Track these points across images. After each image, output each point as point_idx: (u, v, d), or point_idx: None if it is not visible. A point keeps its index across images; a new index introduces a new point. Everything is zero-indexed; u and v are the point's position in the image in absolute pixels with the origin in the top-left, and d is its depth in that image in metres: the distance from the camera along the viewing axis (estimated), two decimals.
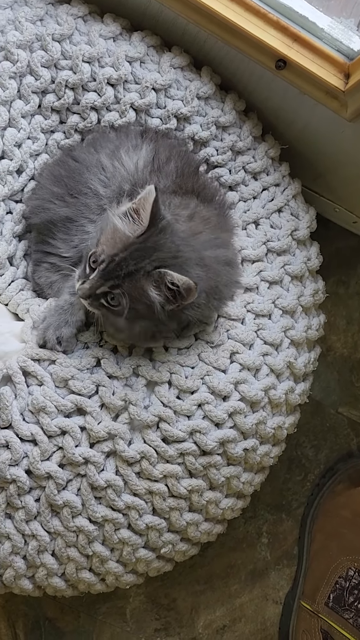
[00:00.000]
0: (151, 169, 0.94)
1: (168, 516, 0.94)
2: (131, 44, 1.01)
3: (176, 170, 0.94)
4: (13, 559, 0.92)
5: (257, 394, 0.95)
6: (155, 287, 0.83)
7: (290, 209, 1.07)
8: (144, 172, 0.94)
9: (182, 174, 0.95)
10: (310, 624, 1.15)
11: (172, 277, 0.81)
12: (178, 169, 0.95)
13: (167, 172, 0.94)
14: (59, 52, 0.98)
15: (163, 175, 0.94)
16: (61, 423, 0.90)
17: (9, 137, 0.97)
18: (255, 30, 0.91)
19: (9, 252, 0.98)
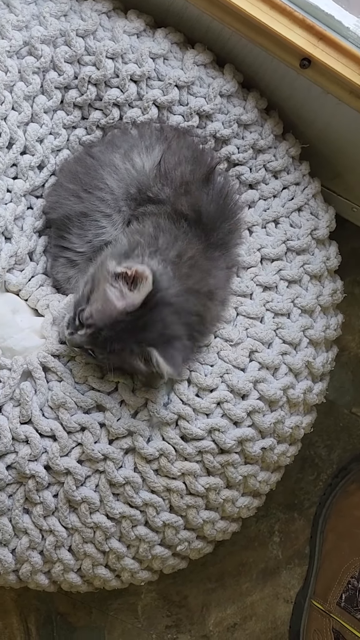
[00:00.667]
0: (156, 173, 0.93)
1: (185, 514, 0.94)
2: (155, 41, 1.00)
3: (181, 178, 0.93)
4: (30, 554, 0.92)
5: (276, 393, 0.95)
6: (141, 359, 0.84)
7: (310, 208, 1.06)
8: (149, 176, 0.93)
9: (188, 182, 0.93)
10: (322, 623, 1.15)
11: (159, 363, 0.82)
12: (184, 176, 0.93)
13: (172, 178, 0.93)
14: (82, 47, 0.97)
15: (168, 182, 0.93)
16: (81, 419, 0.90)
17: (31, 132, 0.96)
18: (280, 28, 0.90)
19: (30, 247, 0.98)
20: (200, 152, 0.98)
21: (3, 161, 0.93)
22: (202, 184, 0.94)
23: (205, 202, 0.93)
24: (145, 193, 0.93)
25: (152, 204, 0.94)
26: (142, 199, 0.94)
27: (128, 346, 0.83)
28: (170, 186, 0.93)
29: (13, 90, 0.95)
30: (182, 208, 0.92)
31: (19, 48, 0.95)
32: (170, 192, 0.93)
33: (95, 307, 0.84)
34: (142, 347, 0.83)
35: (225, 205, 0.95)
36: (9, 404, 0.89)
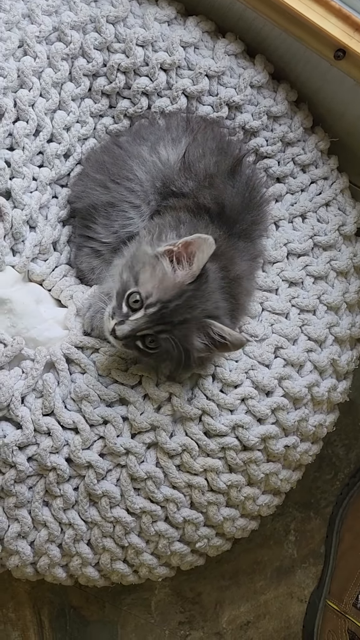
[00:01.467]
0: (180, 166, 0.92)
1: (205, 510, 0.93)
2: (186, 29, 0.99)
3: (205, 171, 0.91)
4: (49, 546, 0.91)
5: (301, 391, 0.94)
6: (199, 335, 0.82)
7: (337, 203, 1.05)
8: (173, 169, 0.92)
9: (212, 175, 0.91)
10: (337, 624, 1.14)
11: (222, 330, 0.81)
12: (208, 169, 0.91)
13: (195, 171, 0.91)
14: (112, 34, 0.96)
15: (191, 175, 0.91)
16: (103, 412, 0.89)
17: (59, 120, 0.95)
18: (316, 18, 0.89)
19: (54, 237, 0.97)
20: (226, 143, 0.96)
21: (30, 148, 0.92)
22: (228, 176, 0.92)
23: (230, 195, 0.92)
24: (168, 187, 0.92)
25: (175, 198, 0.92)
26: (166, 193, 0.93)
27: (195, 316, 0.81)
28: (194, 179, 0.91)
29: (41, 76, 0.94)
30: (205, 201, 0.91)
31: (49, 34, 0.94)
32: (194, 185, 0.92)
33: (153, 285, 0.81)
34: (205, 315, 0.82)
35: (251, 198, 0.94)
36: (31, 395, 0.88)
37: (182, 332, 0.82)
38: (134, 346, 0.83)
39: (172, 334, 0.81)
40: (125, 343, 0.83)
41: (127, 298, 0.82)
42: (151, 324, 0.81)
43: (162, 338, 0.82)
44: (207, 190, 0.91)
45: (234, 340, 0.82)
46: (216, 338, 0.82)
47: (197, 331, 0.82)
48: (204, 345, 0.83)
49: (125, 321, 0.82)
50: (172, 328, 0.81)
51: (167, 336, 0.81)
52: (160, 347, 0.82)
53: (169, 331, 0.81)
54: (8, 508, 0.89)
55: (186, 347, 0.82)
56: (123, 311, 0.83)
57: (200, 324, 0.82)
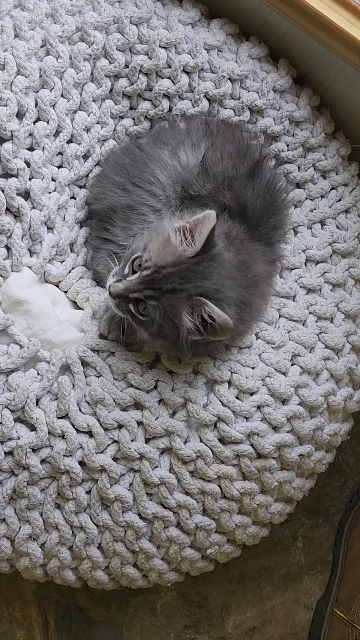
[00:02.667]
0: (199, 170, 0.91)
1: (218, 517, 0.93)
2: (210, 31, 0.98)
3: (223, 174, 0.91)
4: (59, 549, 0.91)
5: (317, 399, 0.93)
6: (190, 313, 0.81)
7: (357, 210, 1.04)
8: (192, 173, 0.91)
9: (231, 178, 0.91)
10: (344, 633, 1.13)
11: (212, 310, 0.79)
12: (226, 172, 0.91)
13: (214, 174, 0.91)
14: (135, 35, 0.95)
15: (210, 179, 0.91)
16: (118, 416, 0.88)
17: (79, 120, 0.94)
18: (343, 23, 0.88)
19: (71, 238, 0.96)
20: (246, 147, 0.95)
21: (50, 149, 0.92)
22: (247, 179, 0.92)
23: (251, 197, 0.91)
24: (187, 191, 0.91)
25: (192, 201, 0.92)
26: (184, 197, 0.92)
27: (186, 289, 0.80)
28: (212, 182, 0.91)
29: (63, 76, 0.93)
30: (225, 200, 0.90)
31: (72, 33, 0.93)
32: (212, 188, 0.91)
33: (156, 250, 0.82)
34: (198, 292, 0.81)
35: (273, 201, 0.93)
36: (46, 397, 0.88)
37: (170, 301, 0.81)
38: (127, 310, 0.83)
39: (159, 301, 0.81)
40: (118, 303, 0.84)
41: (132, 261, 0.83)
42: (141, 286, 0.81)
43: (150, 305, 0.82)
44: (227, 192, 0.91)
45: (221, 321, 0.79)
46: (207, 319, 0.80)
47: (186, 306, 0.81)
48: (193, 324, 0.81)
49: (121, 280, 0.83)
50: (160, 295, 0.81)
51: (154, 303, 0.81)
52: (149, 316, 0.82)
53: (157, 298, 0.81)
54: (20, 510, 0.89)
55: (174, 321, 0.81)
56: (124, 272, 0.84)
57: (192, 300, 0.81)
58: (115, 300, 0.83)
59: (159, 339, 0.85)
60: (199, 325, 0.81)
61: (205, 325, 0.81)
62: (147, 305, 0.82)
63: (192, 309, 0.81)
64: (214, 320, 0.79)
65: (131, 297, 0.82)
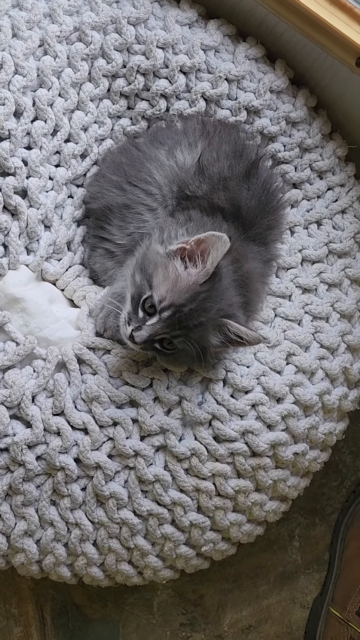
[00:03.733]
0: (195, 170, 0.92)
1: (212, 515, 0.93)
2: (207, 32, 0.98)
3: (219, 174, 0.91)
4: (55, 545, 0.92)
5: (312, 398, 0.94)
6: (215, 335, 0.83)
7: (354, 210, 1.04)
8: (188, 173, 0.92)
9: (226, 178, 0.91)
10: (340, 631, 1.14)
11: (239, 330, 0.82)
12: (222, 172, 0.91)
13: (210, 174, 0.91)
14: (133, 36, 0.96)
15: (205, 179, 0.91)
16: (113, 414, 0.89)
17: (77, 120, 0.95)
18: (339, 24, 0.88)
19: (68, 237, 0.97)
20: (242, 147, 0.96)
21: (47, 148, 0.92)
22: (242, 179, 0.92)
23: (246, 197, 0.91)
24: (183, 191, 0.92)
25: (188, 201, 0.92)
26: (181, 197, 0.92)
27: (210, 318, 0.81)
28: (208, 183, 0.91)
29: (61, 76, 0.94)
30: (219, 202, 0.90)
31: (69, 33, 0.94)
32: (208, 188, 0.91)
33: (166, 288, 0.81)
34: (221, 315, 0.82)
35: (268, 202, 0.94)
36: (42, 395, 0.89)
37: (198, 334, 0.82)
38: (152, 348, 0.84)
39: (188, 337, 0.81)
40: (144, 347, 0.83)
41: (142, 303, 0.82)
42: (167, 328, 0.81)
43: (178, 341, 0.82)
44: (222, 193, 0.91)
45: (251, 339, 0.82)
46: (232, 337, 0.82)
47: (213, 331, 0.83)
48: (220, 342, 0.83)
49: (142, 327, 0.82)
50: (188, 332, 0.81)
51: (183, 339, 0.82)
52: (177, 347, 0.83)
53: (185, 335, 0.81)
54: (15, 506, 0.89)
55: (203, 345, 0.82)
56: (139, 316, 0.82)
57: (216, 324, 0.82)
58: (139, 345, 0.82)
59: (182, 362, 0.87)
60: (225, 341, 0.83)
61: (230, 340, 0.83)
62: (175, 342, 0.82)
63: (217, 329, 0.83)
64: (242, 338, 0.82)
65: (156, 339, 0.82)
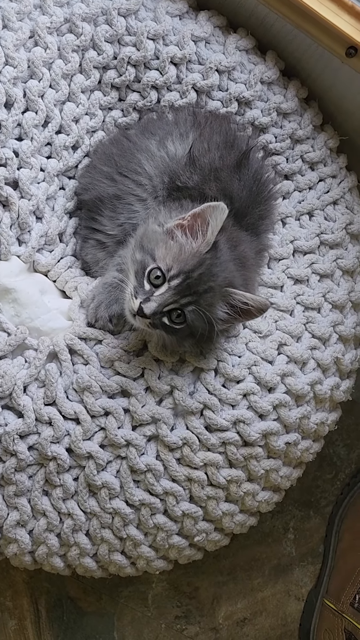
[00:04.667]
0: (186, 161, 0.92)
1: (205, 505, 0.93)
2: (197, 23, 0.99)
3: (210, 165, 0.91)
4: (47, 536, 0.92)
5: (303, 388, 0.94)
6: (221, 305, 0.82)
7: (345, 202, 1.04)
8: (179, 164, 0.92)
9: (217, 169, 0.91)
10: (334, 623, 1.14)
11: (244, 296, 0.81)
12: (213, 163, 0.91)
13: (200, 165, 0.92)
14: (123, 27, 0.96)
15: (196, 170, 0.91)
16: (105, 404, 0.89)
17: (68, 111, 0.95)
18: (328, 14, 0.88)
19: (60, 228, 0.97)
20: (233, 138, 0.96)
21: (38, 139, 0.92)
22: (233, 170, 0.92)
23: (237, 188, 0.92)
24: (174, 182, 0.92)
25: (180, 192, 0.92)
26: (172, 188, 0.93)
27: (218, 284, 0.81)
28: (199, 173, 0.92)
29: (52, 67, 0.94)
30: (210, 192, 0.91)
31: (60, 25, 0.94)
32: (199, 179, 0.92)
33: (171, 257, 0.81)
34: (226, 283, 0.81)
35: (259, 192, 0.94)
36: (33, 385, 0.89)
37: (208, 301, 0.81)
38: (160, 324, 0.82)
39: (199, 304, 0.81)
40: (153, 321, 0.81)
41: (147, 275, 0.82)
42: (177, 296, 0.81)
43: (188, 310, 0.81)
44: (213, 183, 0.91)
45: (257, 304, 0.82)
46: (238, 305, 0.82)
47: (220, 300, 0.82)
48: (226, 314, 0.83)
49: (150, 298, 0.81)
50: (199, 298, 0.81)
51: (194, 307, 0.81)
52: (187, 320, 0.82)
53: (196, 302, 0.81)
54: (8, 496, 0.89)
55: (210, 318, 0.82)
56: (146, 289, 0.82)
57: (222, 293, 0.82)
58: (148, 319, 0.81)
59: (188, 340, 0.85)
60: (232, 313, 0.83)
61: (236, 310, 0.82)
62: (185, 311, 0.81)
63: (222, 300, 0.82)
64: (248, 304, 0.81)
65: (165, 310, 0.81)
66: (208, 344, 0.87)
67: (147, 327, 0.82)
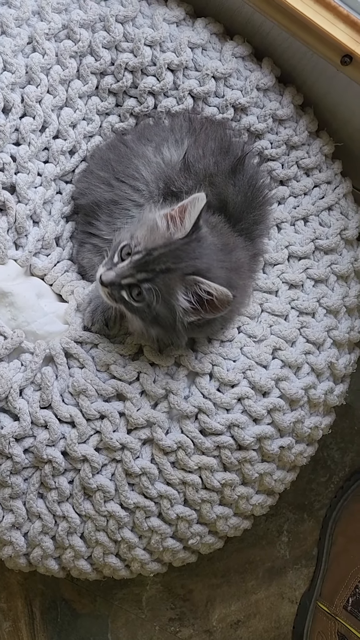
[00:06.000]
0: (181, 166, 0.93)
1: (199, 508, 0.94)
2: (194, 30, 0.99)
3: (205, 171, 0.92)
4: (42, 538, 0.92)
5: (298, 392, 0.94)
6: (185, 292, 0.82)
7: (340, 207, 1.05)
8: (174, 169, 0.93)
9: (212, 174, 0.92)
10: (327, 626, 1.14)
11: (209, 285, 0.80)
12: (208, 168, 0.92)
13: (195, 171, 0.92)
14: (121, 33, 0.97)
15: (191, 175, 0.92)
16: (100, 407, 0.90)
17: (65, 116, 0.96)
18: (324, 23, 0.89)
19: (57, 232, 0.97)
20: (228, 143, 0.97)
21: (36, 144, 0.93)
22: (228, 176, 0.93)
23: (232, 193, 0.92)
24: (169, 187, 0.93)
25: (174, 197, 0.93)
26: (167, 193, 0.93)
27: (179, 268, 0.81)
28: (194, 179, 0.92)
29: (49, 73, 0.94)
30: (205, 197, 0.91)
31: (58, 31, 0.95)
32: (193, 184, 0.92)
33: (142, 235, 0.83)
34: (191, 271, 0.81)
35: (254, 197, 0.95)
36: (29, 388, 0.89)
37: (165, 281, 0.81)
38: (120, 298, 0.84)
39: (154, 283, 0.81)
40: (111, 292, 0.84)
41: (120, 250, 0.84)
42: (134, 270, 0.82)
43: (145, 288, 0.82)
44: (208, 188, 0.92)
45: (219, 294, 0.80)
46: (203, 295, 0.81)
47: (181, 286, 0.82)
48: (189, 303, 0.82)
49: (112, 268, 0.84)
50: (154, 276, 0.82)
51: (149, 286, 0.82)
52: (144, 299, 0.82)
53: (151, 280, 0.82)
54: (3, 499, 0.90)
55: (170, 301, 0.82)
56: (114, 260, 0.84)
57: (185, 280, 0.82)
58: (108, 288, 0.84)
59: (153, 326, 0.85)
60: (195, 303, 0.82)
61: (202, 303, 0.81)
62: (142, 289, 0.82)
63: (187, 288, 0.82)
64: (212, 295, 0.80)
65: (124, 283, 0.83)
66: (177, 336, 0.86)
67: (107, 297, 0.85)
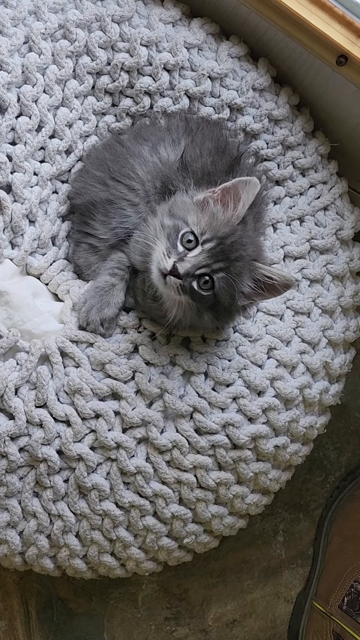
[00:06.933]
0: (178, 166, 0.93)
1: (194, 507, 0.94)
2: (190, 30, 1.00)
3: (202, 170, 0.92)
4: (37, 537, 0.92)
5: (293, 392, 0.95)
6: (248, 278, 0.83)
7: (336, 207, 1.05)
8: (171, 169, 0.93)
9: (210, 173, 0.92)
10: (322, 625, 1.15)
11: (270, 271, 0.81)
12: (205, 168, 0.93)
13: (193, 170, 0.93)
14: (117, 33, 0.97)
15: (189, 174, 0.93)
16: (96, 406, 0.90)
17: (61, 116, 0.96)
18: (319, 23, 0.90)
19: (53, 232, 0.98)
20: (225, 143, 0.97)
21: (32, 144, 0.93)
22: (225, 175, 0.93)
23: None
24: (166, 186, 0.93)
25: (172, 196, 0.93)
26: (164, 192, 0.94)
27: (247, 255, 0.81)
28: (192, 178, 0.93)
29: (45, 73, 0.95)
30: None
31: (54, 31, 0.95)
32: (192, 182, 0.92)
33: (205, 222, 0.81)
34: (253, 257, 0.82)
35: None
36: (25, 387, 0.89)
37: (238, 269, 0.82)
38: (189, 289, 0.81)
39: (229, 272, 0.81)
40: (183, 283, 0.81)
41: (181, 238, 0.82)
42: (211, 259, 0.81)
43: (217, 277, 0.81)
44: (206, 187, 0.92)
45: (282, 279, 0.82)
46: (263, 280, 0.82)
47: (247, 272, 0.82)
48: (250, 289, 0.83)
49: (184, 258, 0.81)
50: (230, 265, 0.81)
51: (223, 274, 0.81)
52: (214, 288, 0.81)
53: (227, 268, 0.81)
54: None
55: (234, 289, 0.82)
56: (179, 250, 0.82)
57: (249, 266, 0.82)
58: (179, 280, 0.81)
59: (209, 312, 0.84)
60: (256, 288, 0.83)
61: (261, 286, 0.83)
62: (214, 278, 0.81)
63: (249, 273, 0.82)
64: (273, 279, 0.82)
65: (197, 273, 0.81)
66: (226, 320, 0.87)
67: (175, 290, 0.82)
